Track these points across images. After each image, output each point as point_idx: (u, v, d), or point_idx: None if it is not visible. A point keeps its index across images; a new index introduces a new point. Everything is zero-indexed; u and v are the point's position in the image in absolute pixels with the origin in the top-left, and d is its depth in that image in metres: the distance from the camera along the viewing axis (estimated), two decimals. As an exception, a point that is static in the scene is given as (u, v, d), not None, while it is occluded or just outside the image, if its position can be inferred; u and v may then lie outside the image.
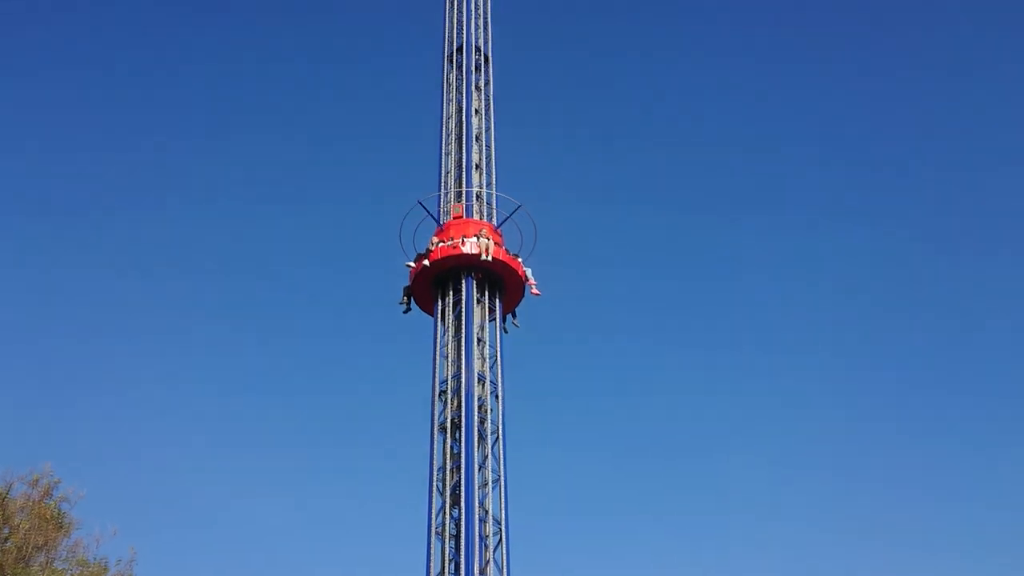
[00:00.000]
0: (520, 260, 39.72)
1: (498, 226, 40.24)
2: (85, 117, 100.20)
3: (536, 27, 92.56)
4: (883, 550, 77.24)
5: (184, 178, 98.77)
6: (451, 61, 44.87)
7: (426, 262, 38.60)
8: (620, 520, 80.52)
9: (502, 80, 45.25)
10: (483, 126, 43.27)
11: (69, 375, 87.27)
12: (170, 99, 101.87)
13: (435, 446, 37.30)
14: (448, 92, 44.18)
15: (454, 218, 39.64)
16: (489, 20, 46.07)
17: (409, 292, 39.62)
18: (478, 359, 38.34)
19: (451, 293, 39.03)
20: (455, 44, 45.17)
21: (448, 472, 36.77)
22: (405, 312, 39.74)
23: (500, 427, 37.63)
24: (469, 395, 37.30)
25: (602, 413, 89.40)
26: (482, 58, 44.99)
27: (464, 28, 45.24)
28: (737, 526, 79.29)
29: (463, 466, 36.27)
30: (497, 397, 38.16)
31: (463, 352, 37.95)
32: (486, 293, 39.25)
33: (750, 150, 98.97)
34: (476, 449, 36.79)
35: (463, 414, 37.01)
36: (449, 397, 37.90)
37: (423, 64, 52.36)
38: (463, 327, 38.09)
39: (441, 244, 38.44)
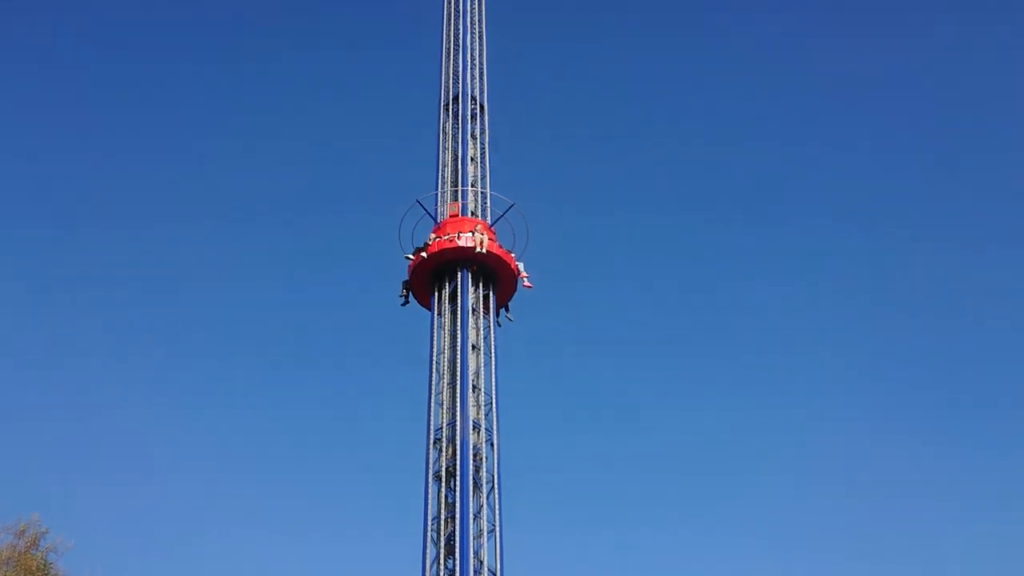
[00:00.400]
0: (513, 255, 41.27)
1: (492, 224, 41.83)
2: (81, 118, 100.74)
3: (533, 26, 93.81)
4: (885, 553, 76.46)
5: (182, 179, 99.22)
6: (447, 110, 45.16)
7: (424, 254, 40.31)
8: (620, 559, 79.08)
9: (499, 80, 46.85)
10: (479, 174, 43.52)
11: (57, 415, 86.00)
12: (169, 100, 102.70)
13: (429, 495, 36.92)
14: (444, 141, 44.43)
15: (450, 216, 41.44)
16: (485, 70, 46.48)
17: (407, 286, 41.17)
18: (473, 406, 38.06)
19: (447, 286, 40.47)
20: (451, 94, 45.50)
21: (443, 522, 36.36)
22: (403, 305, 41.49)
23: (495, 476, 37.39)
24: (464, 443, 37.01)
25: (599, 428, 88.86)
26: (478, 107, 45.29)
27: (460, 78, 45.56)
28: (744, 548, 78.24)
29: (458, 516, 35.89)
30: (492, 445, 37.93)
31: (458, 396, 37.84)
32: (481, 286, 40.60)
33: (749, 151, 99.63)
34: (471, 498, 36.33)
35: (458, 463, 36.69)
36: (444, 445, 37.66)
37: (423, 64, 52.95)
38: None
39: (438, 239, 40.34)
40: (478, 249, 39.82)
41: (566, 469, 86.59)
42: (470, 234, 40.18)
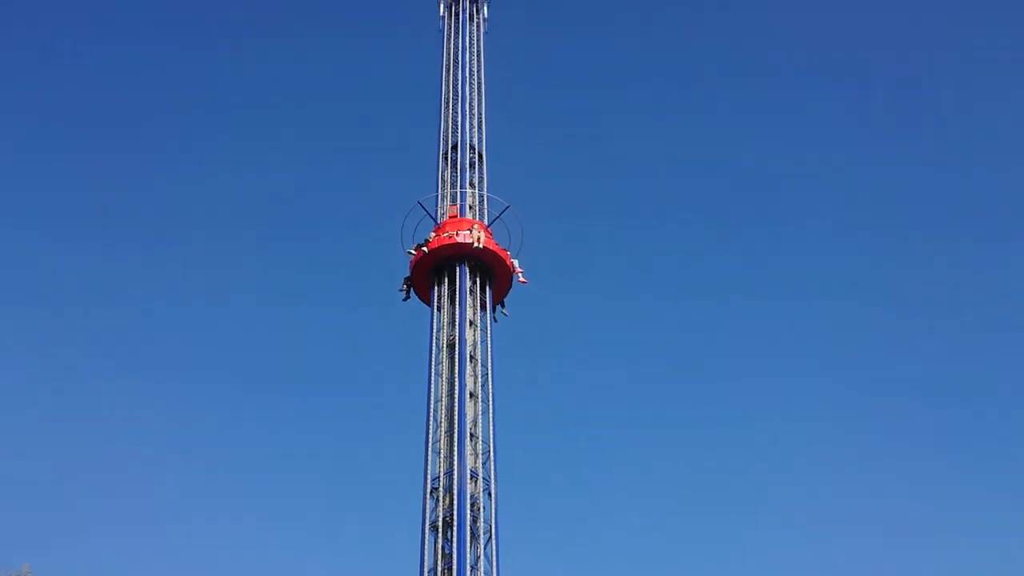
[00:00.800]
0: (509, 254, 43.10)
1: (489, 224, 43.64)
2: (78, 119, 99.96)
3: (532, 25, 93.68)
4: (889, 561, 74.94)
5: (181, 181, 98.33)
6: (446, 159, 45.38)
7: (424, 249, 42.16)
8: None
9: (497, 79, 48.41)
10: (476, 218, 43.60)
11: (51, 443, 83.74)
12: (167, 102, 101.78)
13: (425, 546, 36.23)
14: (442, 189, 44.61)
15: (450, 217, 43.53)
16: (483, 119, 46.74)
17: (409, 281, 42.77)
18: (471, 455, 37.54)
19: (447, 281, 41.93)
20: (450, 143, 45.75)
21: (439, 574, 35.60)
22: (404, 300, 43.21)
23: (493, 526, 36.75)
24: (461, 493, 36.38)
25: (596, 456, 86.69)
26: (476, 156, 45.53)
27: (459, 127, 45.87)
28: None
29: (455, 568, 35.22)
30: (490, 495, 37.32)
31: (455, 444, 37.38)
32: (478, 282, 42.13)
33: (749, 150, 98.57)
34: (468, 549, 35.61)
35: (455, 513, 36.11)
36: (441, 495, 37.07)
37: (424, 65, 53.53)
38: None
39: (437, 237, 42.48)
40: (475, 245, 41.86)
41: (564, 510, 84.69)
42: (468, 231, 42.20)
